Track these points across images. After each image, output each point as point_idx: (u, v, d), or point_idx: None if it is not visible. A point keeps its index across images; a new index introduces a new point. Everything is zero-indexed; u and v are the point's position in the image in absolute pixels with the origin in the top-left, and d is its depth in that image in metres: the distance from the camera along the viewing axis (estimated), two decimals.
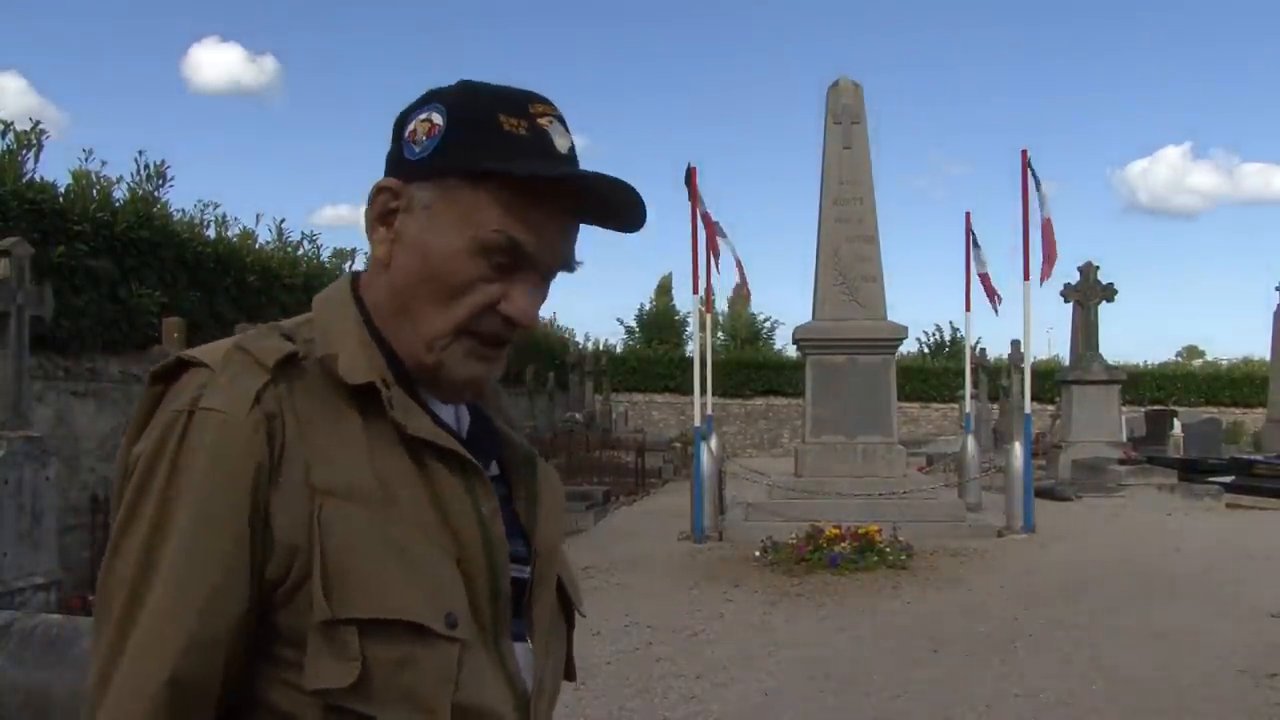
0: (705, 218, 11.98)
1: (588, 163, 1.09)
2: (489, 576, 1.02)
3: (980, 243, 13.53)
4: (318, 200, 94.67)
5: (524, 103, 1.05)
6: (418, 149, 1.05)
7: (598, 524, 12.37)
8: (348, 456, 0.98)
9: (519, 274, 1.03)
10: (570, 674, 1.21)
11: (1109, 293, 18.25)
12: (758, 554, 9.32)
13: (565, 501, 1.19)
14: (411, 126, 1.06)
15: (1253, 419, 29.82)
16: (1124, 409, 19.78)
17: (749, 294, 15.14)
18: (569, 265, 1.09)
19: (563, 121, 1.07)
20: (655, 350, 34.15)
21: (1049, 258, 11.64)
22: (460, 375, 1.05)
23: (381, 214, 1.06)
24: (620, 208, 1.07)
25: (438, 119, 1.04)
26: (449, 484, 1.03)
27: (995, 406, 23.63)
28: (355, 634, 0.93)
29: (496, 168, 1.01)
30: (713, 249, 12.43)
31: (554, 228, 1.04)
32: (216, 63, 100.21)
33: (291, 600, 0.95)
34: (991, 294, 13.27)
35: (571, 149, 1.07)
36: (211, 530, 0.93)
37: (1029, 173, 11.68)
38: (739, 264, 14.38)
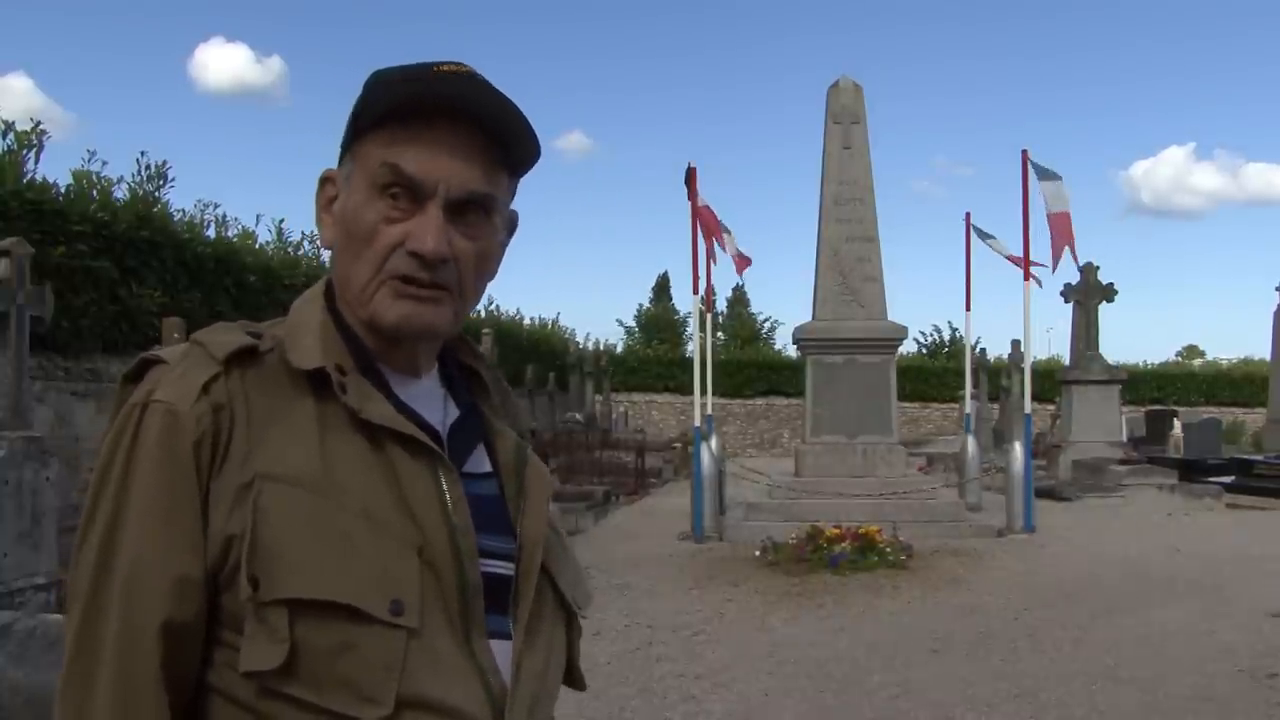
0: (704, 211, 11.92)
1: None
2: (455, 566, 1.01)
3: (992, 233, 13.46)
4: None
5: (429, 65, 1.05)
6: (345, 137, 1.09)
7: (598, 524, 12.36)
8: (295, 443, 0.99)
9: (421, 209, 1.03)
10: (576, 682, 1.17)
11: (1109, 293, 18.26)
12: (758, 554, 9.31)
13: (552, 495, 1.17)
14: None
15: (1253, 419, 29.83)
16: (1124, 409, 19.77)
17: (742, 260, 14.02)
18: (474, 191, 1.04)
19: (474, 77, 1.05)
20: (655, 350, 34.18)
21: (1056, 249, 11.37)
22: (389, 318, 1.04)
23: (326, 203, 1.10)
24: (498, 112, 1.04)
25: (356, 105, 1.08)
26: (412, 471, 1.02)
27: (995, 406, 23.62)
28: (285, 616, 0.94)
29: (366, 110, 1.04)
30: (717, 237, 12.32)
31: (438, 149, 1.02)
32: (223, 63, 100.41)
33: (232, 585, 0.96)
34: (1028, 270, 12.20)
35: (490, 90, 1.05)
36: (167, 518, 0.96)
37: (1029, 174, 11.67)
38: (737, 251, 14.02)
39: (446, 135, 1.03)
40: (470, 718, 0.98)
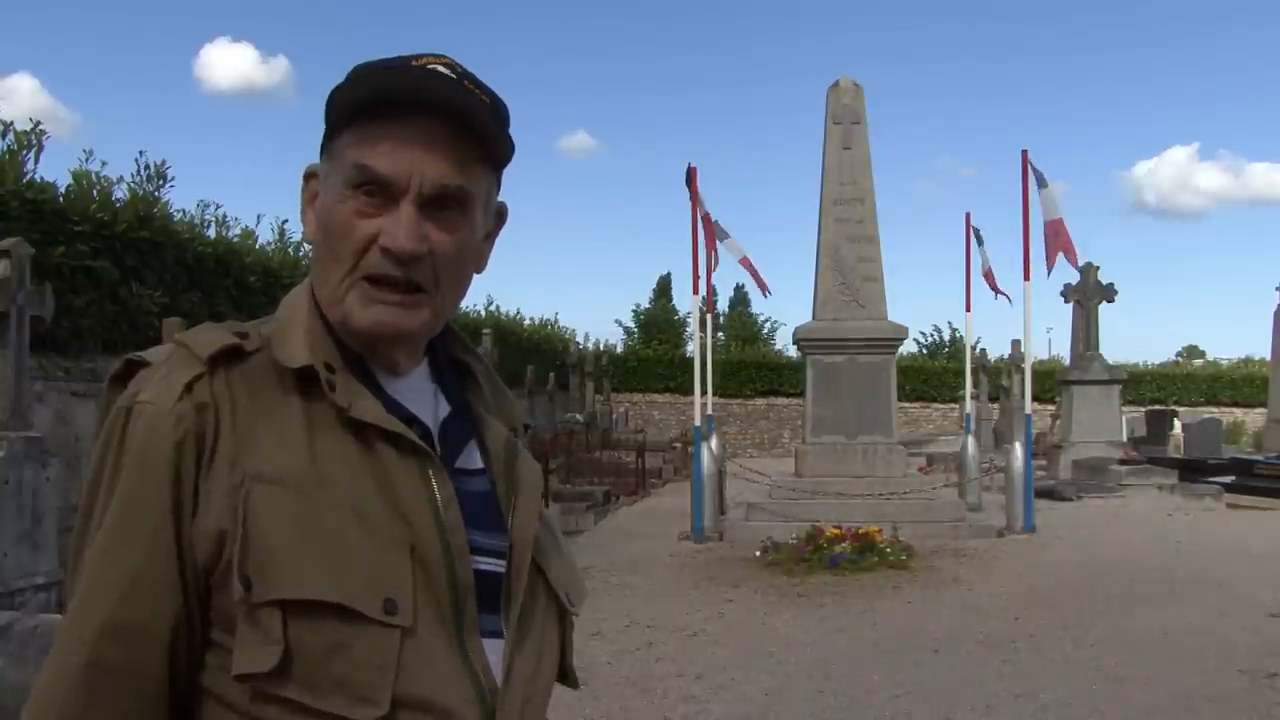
0: (705, 219, 11.97)
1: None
2: (445, 565, 1.00)
3: (983, 240, 13.59)
4: None
5: (409, 58, 1.03)
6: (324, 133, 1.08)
7: (598, 524, 12.36)
8: (283, 442, 0.98)
9: (394, 205, 1.01)
10: (570, 680, 1.16)
11: (1109, 293, 18.29)
12: (758, 554, 9.31)
13: (543, 489, 1.16)
14: None
15: (1253, 419, 29.83)
16: (1124, 409, 19.77)
17: (765, 288, 15.46)
18: (448, 185, 1.02)
19: (454, 69, 1.03)
20: (655, 350, 34.14)
21: (1050, 254, 11.63)
22: (361, 322, 1.03)
23: (310, 199, 1.09)
24: (466, 105, 1.01)
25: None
26: (401, 469, 1.01)
27: (995, 406, 23.62)
28: (278, 617, 0.93)
29: (337, 107, 1.03)
30: (710, 247, 12.41)
31: (409, 145, 1.00)
32: (229, 63, 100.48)
33: (225, 585, 0.95)
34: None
35: (457, 84, 1.03)
36: (133, 519, 0.96)
37: (1029, 174, 11.69)
38: (748, 262, 14.29)
39: (417, 130, 1.01)
40: (462, 718, 0.97)
